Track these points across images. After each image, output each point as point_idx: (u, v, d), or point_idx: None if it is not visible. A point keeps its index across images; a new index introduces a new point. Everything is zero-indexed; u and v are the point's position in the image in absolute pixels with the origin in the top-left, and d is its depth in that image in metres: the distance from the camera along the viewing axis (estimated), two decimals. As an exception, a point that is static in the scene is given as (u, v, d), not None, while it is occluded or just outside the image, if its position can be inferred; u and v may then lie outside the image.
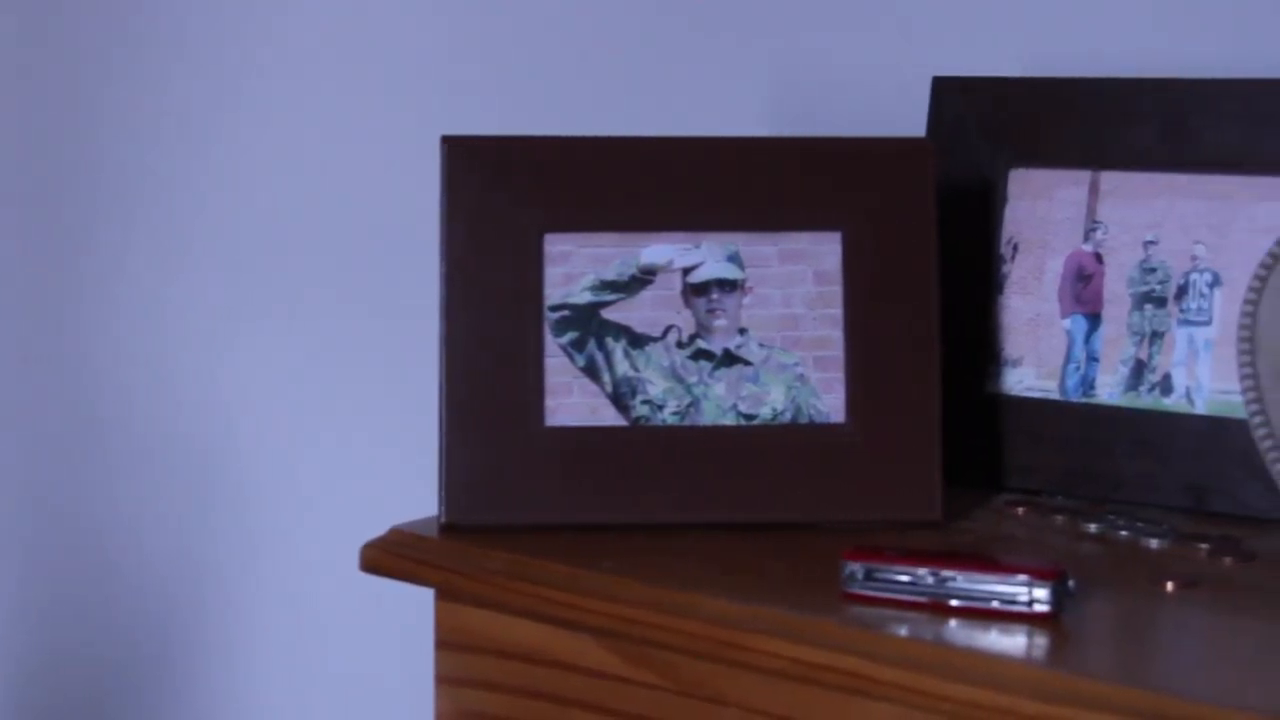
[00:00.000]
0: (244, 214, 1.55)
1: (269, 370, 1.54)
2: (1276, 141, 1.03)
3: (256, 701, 1.59)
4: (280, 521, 1.55)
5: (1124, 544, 0.98)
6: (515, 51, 1.41)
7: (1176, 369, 1.06)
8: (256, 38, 1.54)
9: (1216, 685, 0.78)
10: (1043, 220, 1.10)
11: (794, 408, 1.01)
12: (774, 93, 1.33)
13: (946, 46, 1.26)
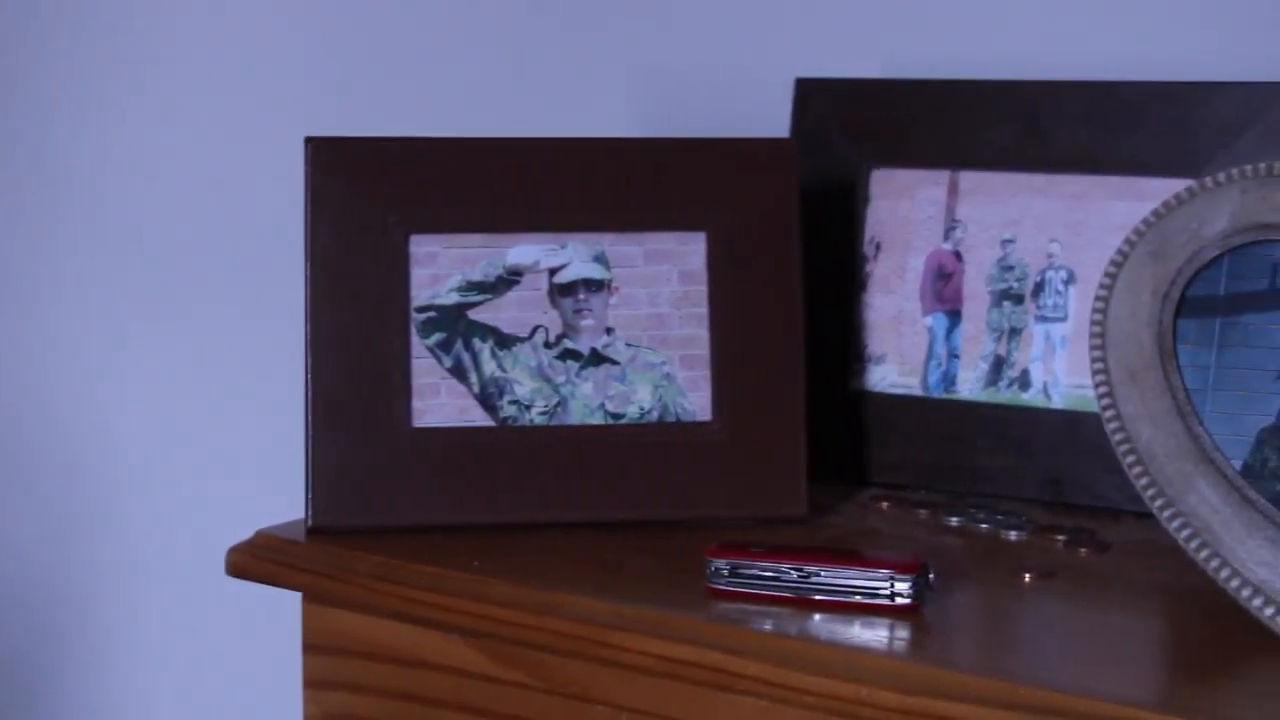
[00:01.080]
0: (111, 217, 1.53)
1: (139, 373, 1.52)
2: (1126, 142, 1.06)
3: (127, 706, 1.56)
4: (152, 524, 1.53)
5: (984, 536, 1.00)
6: (381, 52, 1.41)
7: (1034, 365, 1.08)
8: (120, 40, 1.52)
9: (1071, 674, 0.80)
10: (904, 219, 1.12)
11: (661, 406, 1.02)
12: (639, 94, 1.34)
13: (810, 48, 1.27)
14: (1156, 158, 1.05)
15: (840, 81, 1.15)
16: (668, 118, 1.31)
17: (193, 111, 1.48)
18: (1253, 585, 0.82)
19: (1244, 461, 0.85)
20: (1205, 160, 1.03)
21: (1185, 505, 0.85)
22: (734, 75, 1.29)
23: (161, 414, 1.52)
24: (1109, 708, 0.75)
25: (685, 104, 1.31)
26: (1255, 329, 0.87)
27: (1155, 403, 0.87)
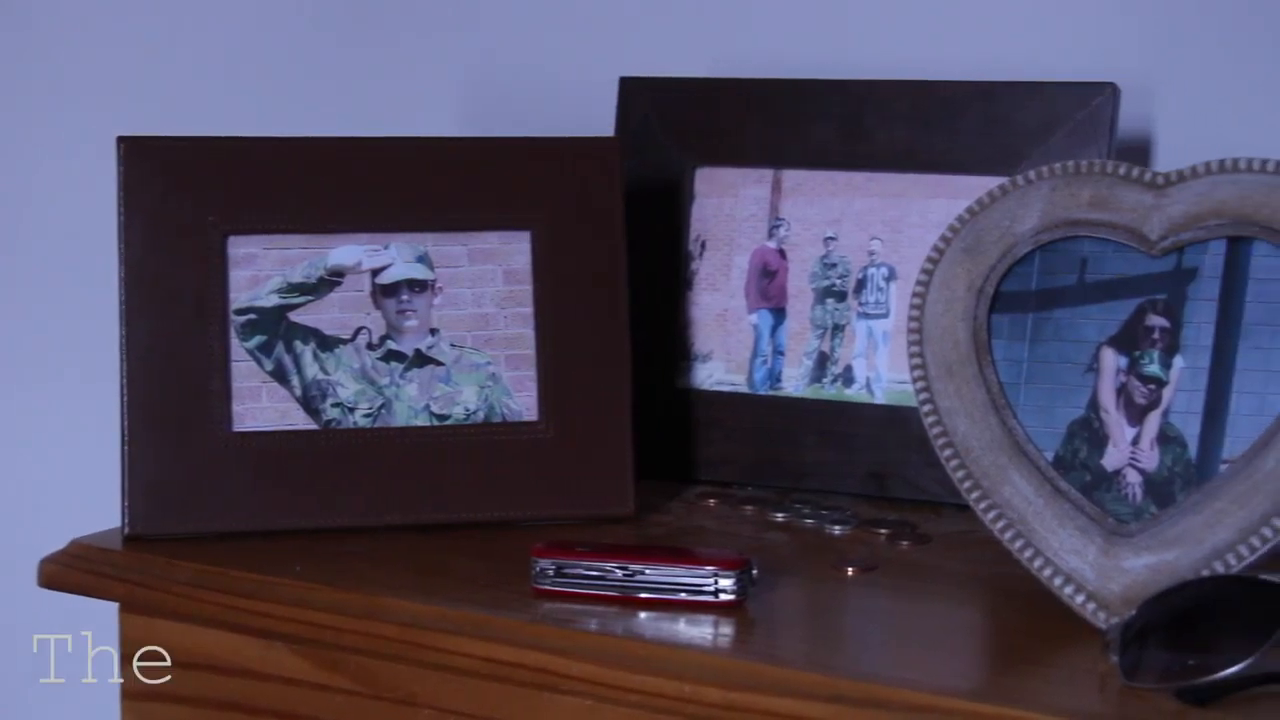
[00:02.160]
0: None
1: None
2: (945, 140, 1.08)
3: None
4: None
5: (809, 531, 1.01)
6: (199, 49, 1.38)
7: (857, 360, 1.09)
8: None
9: (892, 665, 0.81)
10: (729, 218, 1.13)
11: (487, 407, 1.01)
12: (466, 93, 1.33)
13: (636, 47, 1.27)
14: (973, 156, 1.07)
15: (664, 80, 1.15)
16: (495, 117, 1.31)
17: (4, 110, 1.44)
18: (1064, 573, 0.84)
19: (1055, 453, 0.87)
20: (1020, 158, 1.05)
21: (1000, 497, 0.86)
22: (561, 75, 1.29)
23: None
24: (928, 698, 0.76)
25: (512, 104, 1.31)
26: (1065, 323, 0.89)
27: (971, 396, 0.88)
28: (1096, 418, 0.87)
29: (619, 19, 1.28)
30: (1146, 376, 0.87)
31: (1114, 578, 0.82)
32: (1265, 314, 0.85)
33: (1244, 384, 0.84)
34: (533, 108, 1.30)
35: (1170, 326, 0.87)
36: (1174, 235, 0.87)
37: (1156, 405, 0.86)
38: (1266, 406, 0.83)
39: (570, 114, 1.25)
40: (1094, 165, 0.90)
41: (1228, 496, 0.82)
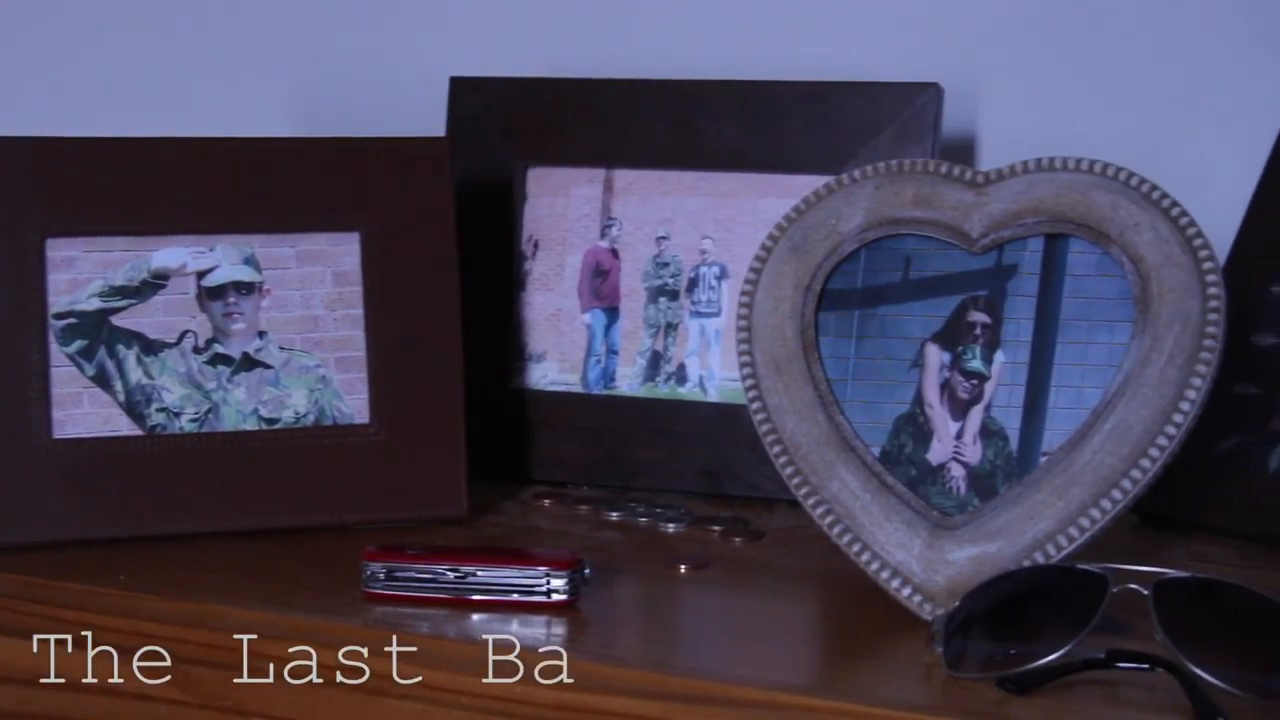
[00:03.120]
0: None
1: None
2: (772, 140, 1.09)
3: None
4: None
5: (643, 530, 1.02)
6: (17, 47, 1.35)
7: (690, 359, 1.10)
8: None
9: (724, 661, 0.81)
10: (561, 217, 1.13)
11: (317, 410, 1.00)
12: (294, 93, 1.32)
13: (466, 46, 1.27)
14: (802, 155, 1.08)
15: (494, 80, 1.15)
16: (325, 117, 1.30)
17: None
18: (891, 567, 0.85)
19: (882, 448, 0.88)
20: (848, 158, 1.06)
21: (828, 492, 0.87)
22: (392, 74, 1.28)
23: None
24: (758, 693, 0.76)
25: (343, 104, 1.30)
26: (890, 320, 0.90)
27: (799, 393, 0.89)
28: (921, 413, 0.88)
29: (449, 18, 1.28)
30: (969, 372, 0.88)
31: (939, 570, 0.84)
32: (1081, 309, 0.87)
33: (1062, 378, 0.86)
34: (364, 107, 1.29)
35: (991, 322, 0.88)
36: (994, 233, 0.89)
37: (979, 400, 0.88)
38: (1083, 400, 0.85)
39: (402, 114, 1.24)
40: (917, 164, 0.91)
41: (1047, 488, 0.83)
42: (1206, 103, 1.15)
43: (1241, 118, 1.12)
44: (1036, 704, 0.74)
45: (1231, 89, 1.14)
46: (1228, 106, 1.14)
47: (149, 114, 1.32)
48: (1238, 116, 1.13)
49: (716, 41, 1.23)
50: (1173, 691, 0.73)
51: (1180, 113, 1.15)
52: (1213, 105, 1.15)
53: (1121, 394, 0.84)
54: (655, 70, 1.15)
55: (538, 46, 1.25)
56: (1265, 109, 1.09)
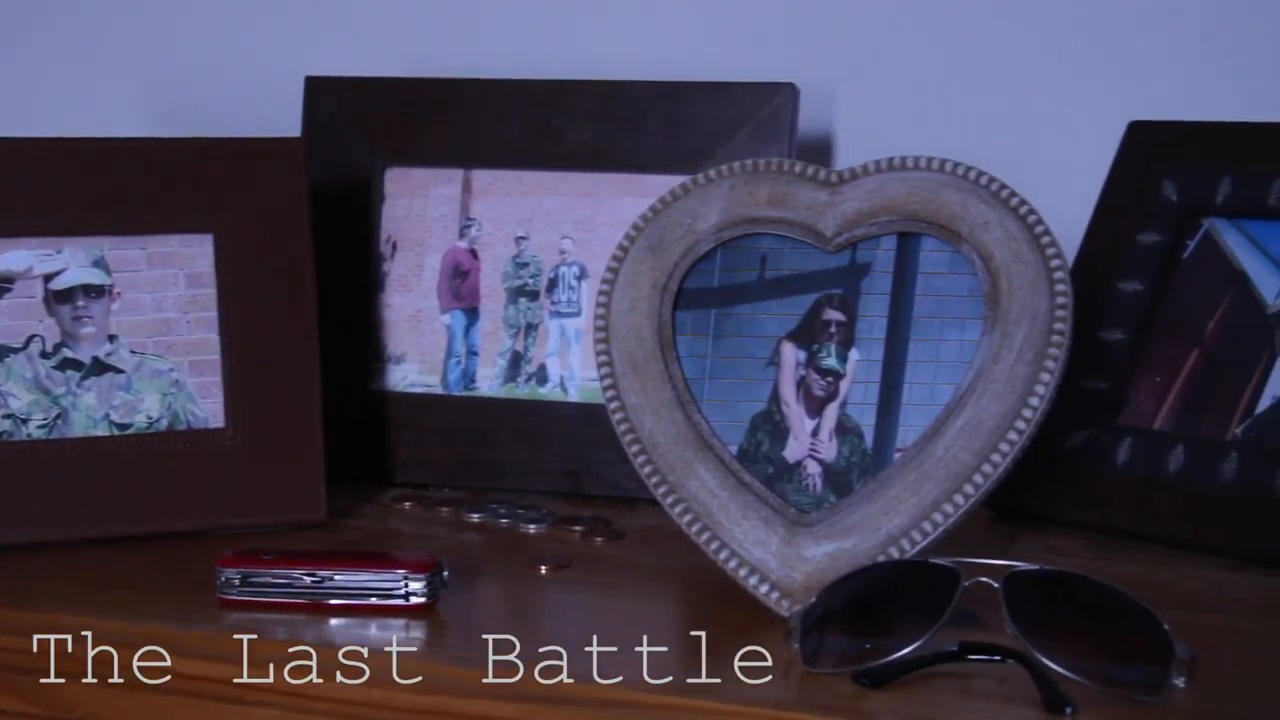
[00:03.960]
0: None
1: None
2: (630, 140, 1.09)
3: None
4: None
5: (504, 531, 1.01)
6: None
7: (550, 359, 1.10)
8: None
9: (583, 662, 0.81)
10: (419, 218, 1.12)
11: (171, 414, 0.99)
12: (148, 92, 1.30)
13: (322, 45, 1.26)
14: (660, 155, 1.09)
15: (350, 80, 1.14)
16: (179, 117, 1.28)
17: None
18: (749, 564, 0.85)
19: (739, 446, 0.89)
20: (705, 158, 1.07)
21: (686, 491, 0.87)
22: (247, 74, 1.27)
23: None
24: (619, 692, 0.76)
25: (197, 104, 1.28)
26: (747, 319, 0.91)
27: (657, 393, 0.89)
28: (778, 411, 0.89)
29: (305, 17, 1.26)
30: (824, 370, 0.89)
31: (796, 567, 0.84)
32: (933, 307, 0.88)
33: (915, 375, 0.87)
34: (219, 108, 1.27)
35: (846, 320, 0.89)
36: (848, 231, 0.89)
37: (834, 397, 0.89)
38: (936, 396, 0.86)
39: (258, 114, 1.22)
40: (771, 164, 0.92)
41: (901, 484, 0.84)
42: (1056, 103, 1.17)
43: (1090, 117, 1.14)
44: (891, 697, 0.75)
45: (1080, 89, 1.17)
46: (1077, 106, 1.16)
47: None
48: (1086, 116, 1.15)
49: (574, 42, 1.23)
50: (1023, 682, 0.74)
51: (1031, 112, 1.17)
52: (1062, 105, 1.17)
53: (973, 390, 0.85)
54: (513, 70, 1.15)
55: (394, 46, 1.24)
56: (1112, 109, 1.11)
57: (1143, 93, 1.14)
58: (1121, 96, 1.14)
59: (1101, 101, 1.14)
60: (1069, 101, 1.17)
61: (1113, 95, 1.15)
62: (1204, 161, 1.04)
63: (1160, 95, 1.14)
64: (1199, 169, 1.04)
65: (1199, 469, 0.97)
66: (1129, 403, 1.02)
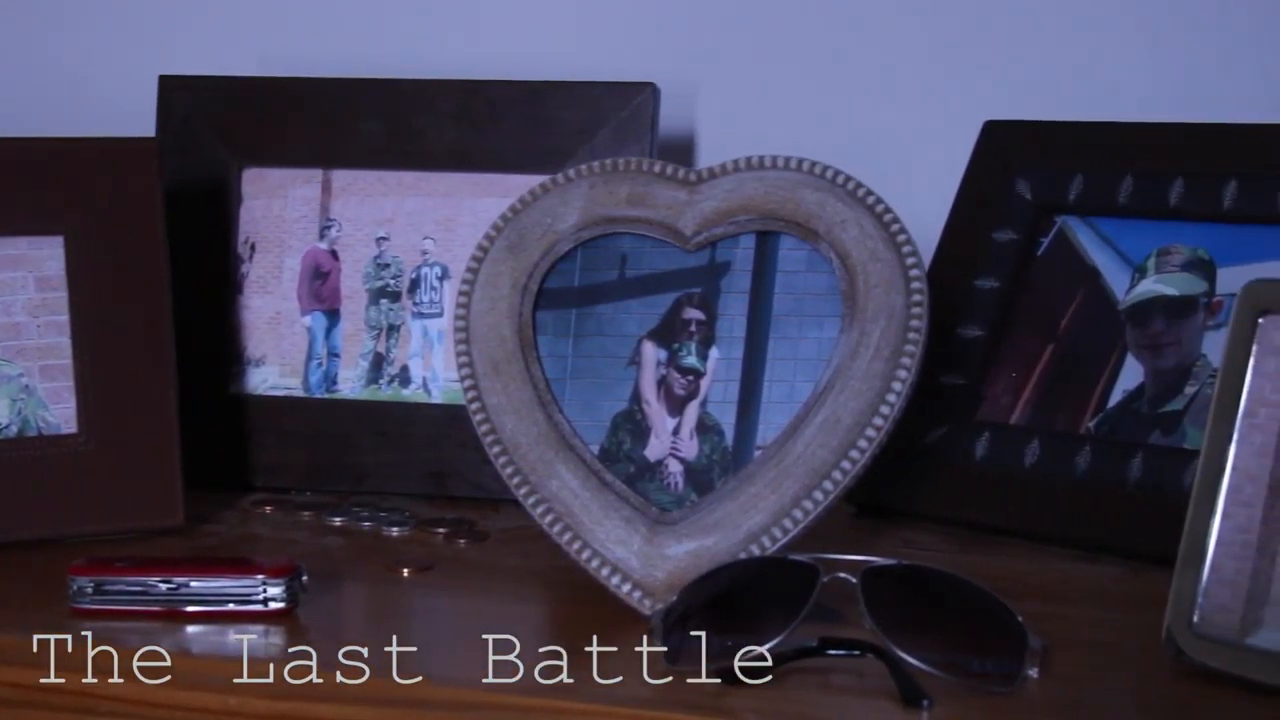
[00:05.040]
0: None
1: None
2: (491, 140, 1.09)
3: None
4: None
5: (367, 534, 1.01)
6: None
7: (413, 360, 1.09)
8: None
9: (446, 664, 0.81)
10: (278, 219, 1.11)
11: (21, 421, 0.97)
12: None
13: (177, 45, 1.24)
14: (521, 155, 1.08)
15: (206, 79, 1.12)
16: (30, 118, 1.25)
17: None
18: (611, 564, 0.85)
19: (601, 446, 0.89)
20: (567, 157, 1.07)
21: (548, 491, 0.87)
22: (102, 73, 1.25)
23: None
24: (481, 695, 0.76)
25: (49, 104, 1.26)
26: (607, 318, 0.91)
27: (517, 393, 0.89)
28: (639, 410, 0.89)
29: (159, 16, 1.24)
30: (685, 368, 0.89)
31: (658, 565, 0.84)
32: (792, 305, 0.88)
33: (775, 373, 0.88)
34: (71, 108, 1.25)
35: (706, 319, 0.89)
36: (707, 230, 0.90)
37: (695, 396, 0.89)
38: (795, 394, 0.87)
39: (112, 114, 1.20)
40: (631, 163, 0.92)
41: (761, 481, 0.85)
42: (915, 102, 1.18)
43: (947, 117, 1.15)
44: (753, 694, 0.75)
45: (937, 89, 1.18)
46: (935, 106, 1.18)
47: None
48: (944, 116, 1.16)
49: (434, 41, 1.22)
50: (882, 676, 0.75)
51: (891, 112, 1.19)
52: (921, 105, 1.18)
53: (831, 387, 0.85)
54: (373, 69, 1.14)
55: (251, 45, 1.23)
56: (970, 108, 1.12)
57: (998, 92, 1.16)
58: (977, 96, 1.15)
59: (958, 101, 1.16)
60: (927, 101, 1.18)
61: (969, 95, 1.16)
62: (1057, 160, 1.06)
63: (1015, 95, 1.15)
64: (1052, 168, 1.06)
65: (1054, 463, 0.99)
66: (986, 398, 1.03)
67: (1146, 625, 0.79)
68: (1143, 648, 0.79)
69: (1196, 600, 0.76)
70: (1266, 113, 1.01)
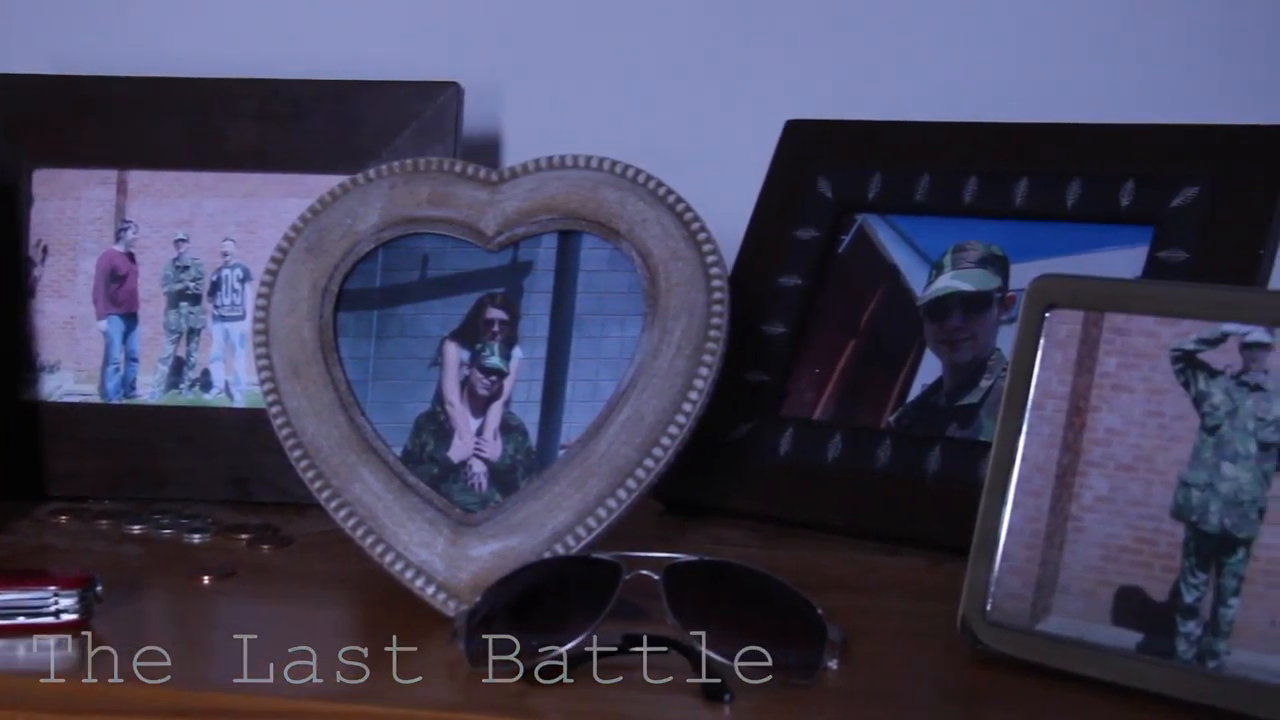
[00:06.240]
0: None
1: None
2: (294, 140, 1.07)
3: None
4: None
5: (167, 542, 0.99)
6: None
7: (214, 364, 1.07)
8: None
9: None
10: (72, 221, 1.08)
11: None
12: None
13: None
14: (325, 155, 1.07)
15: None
16: None
17: None
18: (415, 566, 0.85)
19: (404, 448, 0.88)
20: (371, 157, 1.06)
21: (350, 494, 0.86)
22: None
23: None
24: (282, 703, 0.75)
25: None
26: (410, 319, 0.90)
27: (319, 396, 0.88)
28: (442, 411, 0.89)
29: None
30: (488, 368, 0.89)
31: (462, 567, 0.84)
32: (595, 304, 0.89)
33: (578, 372, 0.88)
34: None
35: (509, 319, 0.89)
36: (508, 230, 0.90)
37: (498, 396, 0.89)
38: (599, 393, 0.87)
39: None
40: (432, 163, 0.91)
41: (565, 480, 0.85)
42: (718, 102, 1.19)
43: (751, 116, 1.17)
44: (556, 693, 0.75)
45: (740, 89, 1.19)
46: (738, 105, 1.19)
47: None
48: (747, 115, 1.18)
49: (234, 39, 1.20)
50: (685, 671, 0.75)
51: (695, 111, 1.20)
52: (725, 104, 1.19)
53: (634, 385, 0.86)
54: (170, 68, 1.12)
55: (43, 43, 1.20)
56: (772, 107, 1.14)
57: (800, 92, 1.17)
58: (779, 95, 1.17)
59: (761, 101, 1.17)
60: (731, 101, 1.19)
61: (771, 94, 1.17)
62: (856, 159, 1.08)
63: (817, 94, 1.17)
64: (852, 166, 1.07)
65: (856, 457, 1.00)
66: (791, 394, 1.05)
67: (945, 614, 0.81)
68: (940, 636, 0.81)
69: (989, 589, 0.77)
70: (1057, 113, 1.04)
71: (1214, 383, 0.74)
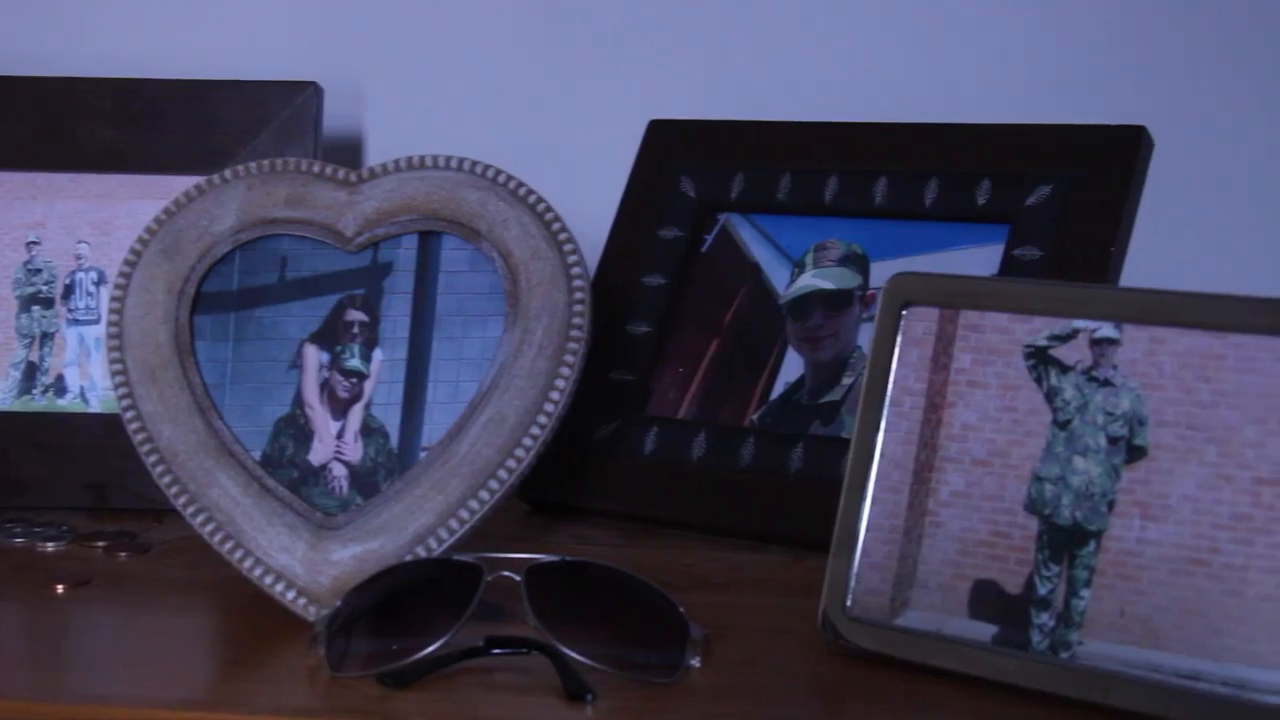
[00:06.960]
0: None
1: None
2: (150, 140, 1.06)
3: None
4: None
5: (19, 551, 0.96)
6: None
7: (69, 369, 1.05)
8: None
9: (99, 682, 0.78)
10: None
11: None
12: None
13: None
14: (182, 156, 1.06)
15: None
16: None
17: None
18: (274, 571, 0.84)
19: (263, 451, 0.87)
20: (229, 158, 1.05)
21: (208, 499, 0.85)
22: None
23: None
24: (136, 712, 0.74)
25: None
26: (268, 321, 0.89)
27: (175, 400, 0.87)
28: (302, 414, 0.88)
29: None
30: (348, 371, 0.88)
31: (323, 571, 0.83)
32: (455, 305, 0.88)
33: (439, 373, 0.88)
34: None
35: (369, 320, 0.89)
36: (368, 231, 0.89)
37: (359, 398, 0.88)
38: (460, 394, 0.87)
39: None
40: (289, 163, 0.90)
41: (427, 482, 0.84)
42: (582, 101, 1.19)
43: (614, 116, 1.17)
44: (417, 697, 0.74)
45: (603, 88, 1.19)
46: (601, 105, 1.19)
47: None
48: (610, 115, 1.18)
49: (86, 37, 1.18)
50: (548, 672, 0.75)
51: (558, 111, 1.19)
52: (587, 104, 1.19)
53: (496, 386, 0.85)
54: (19, 68, 1.09)
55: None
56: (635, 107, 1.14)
57: (662, 91, 1.18)
58: (642, 95, 1.17)
59: (624, 100, 1.17)
60: (593, 100, 1.19)
61: (634, 94, 1.18)
62: (719, 159, 1.08)
63: (680, 94, 1.17)
64: (714, 166, 1.08)
65: (719, 455, 1.01)
66: (655, 393, 1.05)
67: (807, 611, 0.81)
68: (803, 632, 0.81)
69: (850, 584, 0.78)
70: (915, 113, 1.05)
71: (1065, 378, 0.75)
